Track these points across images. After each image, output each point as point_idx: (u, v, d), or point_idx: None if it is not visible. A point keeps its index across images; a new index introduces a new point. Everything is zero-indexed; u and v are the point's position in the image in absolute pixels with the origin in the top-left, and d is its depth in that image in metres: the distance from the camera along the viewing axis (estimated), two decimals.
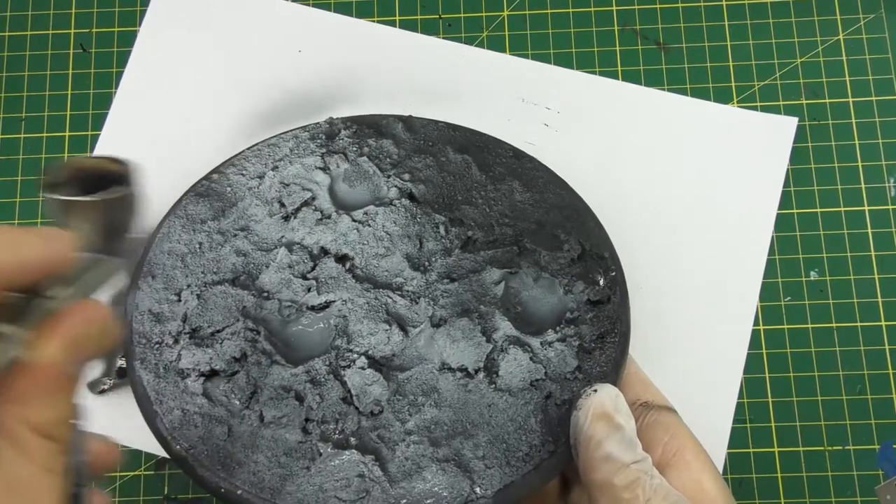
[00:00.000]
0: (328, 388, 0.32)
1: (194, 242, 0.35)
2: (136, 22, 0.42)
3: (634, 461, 0.26)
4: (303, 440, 0.31)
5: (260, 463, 0.30)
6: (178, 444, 0.31)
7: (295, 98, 0.41)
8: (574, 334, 0.32)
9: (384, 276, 0.34)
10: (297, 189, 0.36)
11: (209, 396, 0.32)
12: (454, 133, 0.36)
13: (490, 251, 0.34)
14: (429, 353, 0.32)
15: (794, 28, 0.42)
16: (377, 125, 0.37)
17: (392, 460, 0.30)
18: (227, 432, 0.31)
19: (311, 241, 0.35)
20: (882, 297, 0.39)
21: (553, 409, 0.31)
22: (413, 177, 0.36)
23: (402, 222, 0.35)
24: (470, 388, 0.31)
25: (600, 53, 0.42)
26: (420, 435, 0.30)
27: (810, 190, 0.40)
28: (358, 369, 0.32)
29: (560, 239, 0.34)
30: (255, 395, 0.32)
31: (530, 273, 0.34)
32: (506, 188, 0.35)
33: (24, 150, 0.41)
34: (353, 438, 0.31)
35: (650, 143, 0.40)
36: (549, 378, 0.31)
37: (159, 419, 0.31)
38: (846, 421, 0.37)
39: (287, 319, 0.34)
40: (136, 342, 0.33)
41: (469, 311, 0.33)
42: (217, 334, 0.33)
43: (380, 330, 0.33)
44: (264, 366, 0.32)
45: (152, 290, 0.34)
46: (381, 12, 0.42)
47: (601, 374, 0.31)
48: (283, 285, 0.34)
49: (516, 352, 0.32)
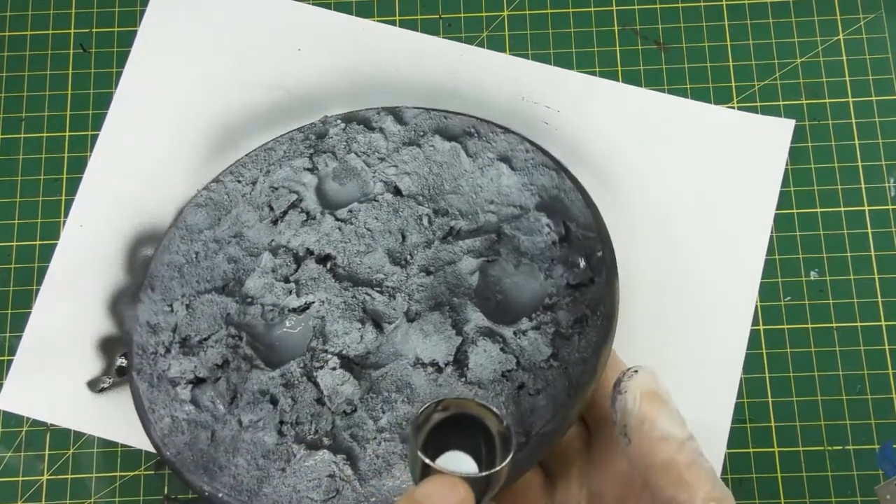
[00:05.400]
0: (301, 390, 0.32)
1: (191, 252, 0.35)
2: (136, 22, 0.42)
3: (688, 437, 0.25)
4: (279, 442, 0.31)
5: (240, 466, 0.31)
6: (167, 451, 0.31)
7: (294, 97, 0.41)
8: (550, 321, 0.31)
9: (366, 273, 0.34)
10: (284, 192, 0.36)
11: (197, 403, 0.32)
12: (447, 120, 0.36)
13: (468, 240, 0.34)
14: (404, 349, 0.32)
15: (794, 28, 0.42)
16: (367, 120, 0.37)
17: (363, 458, 0.30)
18: (211, 437, 0.32)
19: (297, 244, 0.35)
20: (882, 297, 0.38)
21: (526, 400, 0.30)
22: (399, 170, 0.36)
23: (385, 217, 0.35)
24: (440, 382, 0.31)
25: (600, 53, 0.42)
26: (391, 432, 0.30)
27: (810, 190, 0.40)
28: (329, 370, 0.32)
29: (541, 221, 0.33)
30: (234, 399, 0.32)
31: (511, 259, 0.33)
32: (493, 173, 0.35)
33: (24, 151, 0.41)
34: (327, 438, 0.31)
35: (649, 143, 0.40)
36: (521, 368, 0.31)
37: (152, 427, 0.32)
38: (846, 421, 0.37)
39: (270, 323, 0.34)
40: (135, 353, 0.34)
41: (441, 305, 0.33)
42: (203, 342, 0.34)
43: (353, 329, 0.33)
44: (244, 371, 0.33)
45: (151, 301, 0.35)
46: (381, 12, 0.42)
47: (580, 360, 0.30)
48: (266, 290, 0.34)
49: (486, 343, 0.31)
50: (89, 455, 0.37)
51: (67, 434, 0.37)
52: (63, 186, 0.41)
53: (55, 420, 0.37)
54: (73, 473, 0.37)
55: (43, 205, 0.40)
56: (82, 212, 0.40)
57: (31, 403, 0.38)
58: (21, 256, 0.40)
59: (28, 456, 0.37)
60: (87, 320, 0.38)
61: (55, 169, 0.41)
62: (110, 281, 0.39)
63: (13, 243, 0.40)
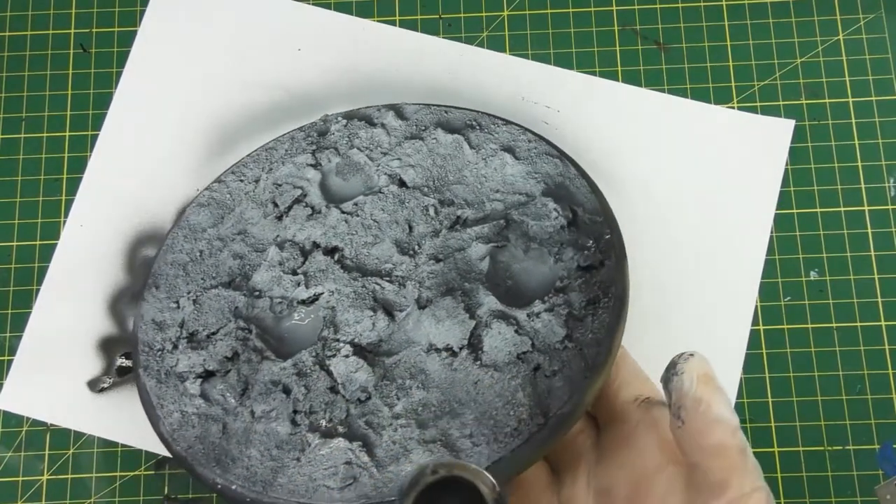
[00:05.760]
0: (314, 379, 0.32)
1: (195, 251, 0.36)
2: (136, 22, 0.42)
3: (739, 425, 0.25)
4: (293, 432, 0.31)
5: (253, 457, 0.30)
6: (177, 445, 0.31)
7: (294, 97, 0.41)
8: (563, 303, 0.31)
9: (374, 264, 0.34)
10: (288, 188, 0.36)
11: (206, 397, 0.32)
12: (447, 115, 0.36)
13: (476, 227, 0.34)
14: (416, 336, 0.32)
15: (794, 28, 0.42)
16: (368, 117, 0.37)
17: (380, 445, 0.30)
18: (223, 430, 0.31)
19: (303, 237, 0.35)
20: (882, 297, 0.38)
21: (542, 381, 0.30)
22: (402, 162, 0.36)
23: (391, 209, 0.35)
24: (455, 366, 0.31)
25: (600, 53, 0.42)
26: (407, 418, 0.30)
27: (810, 190, 0.40)
28: (342, 358, 0.32)
29: (549, 206, 0.33)
30: (246, 391, 0.32)
31: (519, 245, 0.33)
32: (497, 163, 0.35)
33: (24, 151, 0.41)
34: (342, 427, 0.31)
35: (649, 143, 0.40)
36: (536, 350, 0.30)
37: (161, 422, 0.32)
38: (846, 421, 0.37)
39: (279, 316, 0.34)
40: (140, 351, 0.33)
41: (453, 290, 0.33)
42: (212, 336, 0.34)
43: (365, 317, 0.33)
44: (255, 362, 0.33)
45: (156, 300, 0.35)
46: (381, 12, 0.42)
47: (594, 341, 0.30)
48: (274, 283, 0.34)
49: (500, 326, 0.31)
50: (89, 455, 0.37)
51: (67, 434, 0.37)
52: (63, 186, 0.41)
53: (55, 420, 0.37)
54: (73, 473, 0.37)
55: (43, 205, 0.40)
56: (82, 212, 0.40)
57: (31, 403, 0.38)
58: (21, 256, 0.40)
59: (28, 456, 0.37)
60: (87, 320, 0.38)
61: (55, 169, 0.41)
62: (110, 281, 0.39)
63: (13, 243, 0.40)
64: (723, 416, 0.25)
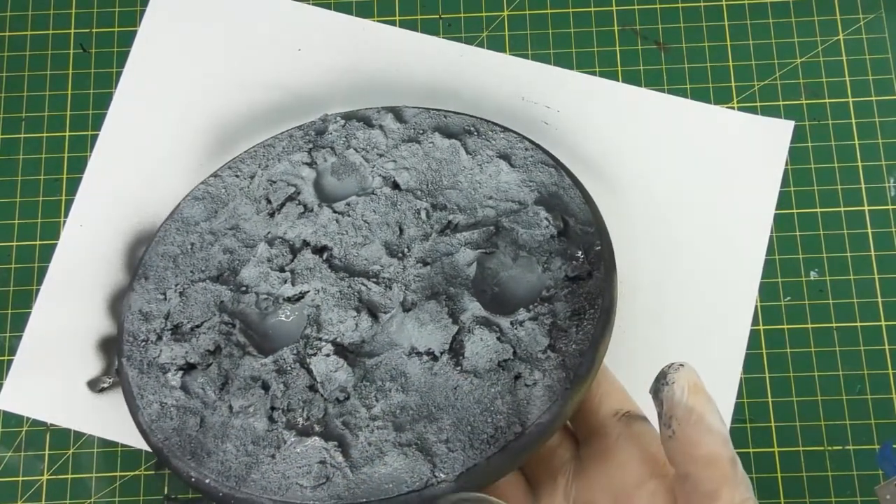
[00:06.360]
0: (293, 377, 0.32)
1: (187, 243, 0.36)
2: (136, 22, 0.42)
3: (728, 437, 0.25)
4: (269, 428, 0.31)
5: (228, 452, 0.30)
6: (154, 437, 0.31)
7: (294, 97, 0.41)
8: (547, 312, 0.31)
9: (362, 265, 0.34)
10: (282, 185, 0.36)
11: (186, 389, 0.32)
12: (446, 119, 0.36)
13: (466, 233, 0.34)
14: (399, 338, 0.32)
15: (794, 28, 0.42)
16: (367, 118, 0.37)
17: (355, 446, 0.30)
18: (200, 423, 0.31)
19: (293, 235, 0.35)
20: (882, 297, 0.39)
21: (522, 390, 0.29)
22: (398, 165, 0.36)
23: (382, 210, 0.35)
24: (435, 370, 0.31)
25: (600, 53, 0.42)
26: (385, 420, 0.30)
27: (810, 190, 0.40)
28: (323, 356, 0.32)
29: (540, 215, 0.33)
30: (225, 385, 0.32)
31: (508, 252, 0.33)
32: (492, 169, 0.35)
33: (24, 151, 0.41)
34: (318, 426, 0.30)
35: (649, 143, 0.40)
36: (518, 358, 0.30)
37: (140, 413, 0.32)
38: (846, 421, 0.37)
39: (265, 312, 0.34)
40: (125, 340, 0.34)
41: (438, 294, 0.32)
42: (195, 329, 0.34)
43: (349, 317, 0.33)
44: (236, 357, 0.33)
45: (144, 290, 0.35)
46: (381, 12, 0.42)
47: (577, 352, 0.30)
48: (261, 279, 0.34)
49: (483, 332, 0.31)
50: (89, 455, 0.37)
51: (67, 434, 0.37)
52: (63, 186, 0.41)
53: (55, 420, 0.37)
54: (73, 473, 0.37)
55: (43, 205, 0.40)
56: (82, 212, 0.40)
57: (31, 403, 0.38)
58: (21, 256, 0.40)
59: (28, 456, 0.37)
60: (87, 320, 0.38)
61: (55, 169, 0.41)
62: (110, 281, 0.39)
63: (13, 243, 0.40)
64: (714, 426, 0.25)
